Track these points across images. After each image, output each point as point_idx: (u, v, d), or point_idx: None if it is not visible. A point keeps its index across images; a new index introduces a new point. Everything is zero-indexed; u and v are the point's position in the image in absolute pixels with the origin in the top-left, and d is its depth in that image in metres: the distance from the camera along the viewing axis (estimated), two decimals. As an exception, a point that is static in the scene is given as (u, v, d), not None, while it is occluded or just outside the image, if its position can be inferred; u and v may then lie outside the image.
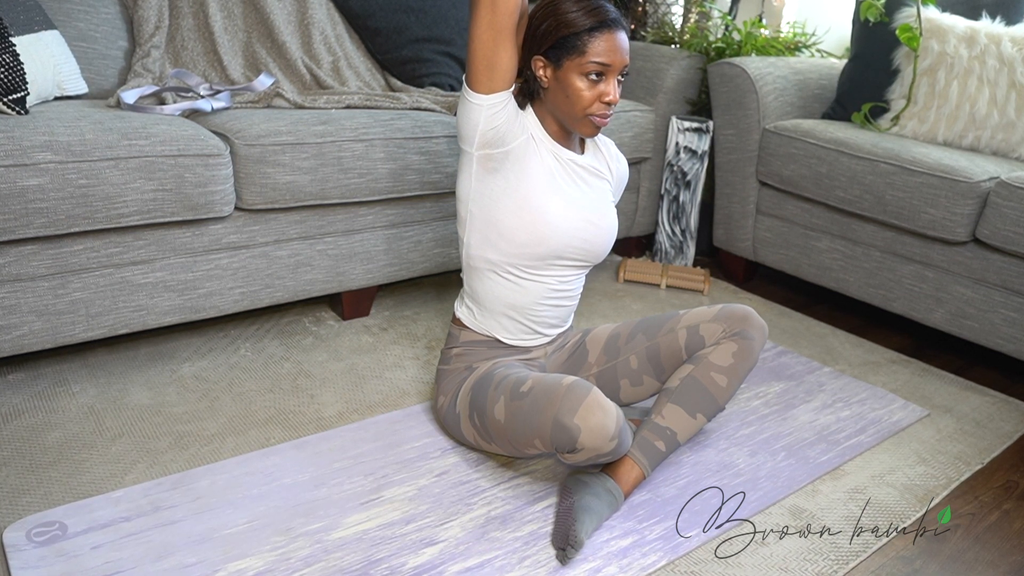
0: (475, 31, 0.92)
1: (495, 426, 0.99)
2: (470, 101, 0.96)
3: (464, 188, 1.03)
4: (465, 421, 1.06)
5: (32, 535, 0.89)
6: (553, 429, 0.89)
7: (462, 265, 1.10)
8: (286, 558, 0.89)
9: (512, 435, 0.96)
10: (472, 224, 1.04)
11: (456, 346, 1.11)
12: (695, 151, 1.81)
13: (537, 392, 0.92)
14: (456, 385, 1.10)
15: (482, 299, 1.08)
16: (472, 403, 1.04)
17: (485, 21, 0.91)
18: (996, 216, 1.37)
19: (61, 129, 1.05)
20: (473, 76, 0.94)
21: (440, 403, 1.13)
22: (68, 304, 1.14)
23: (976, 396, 1.42)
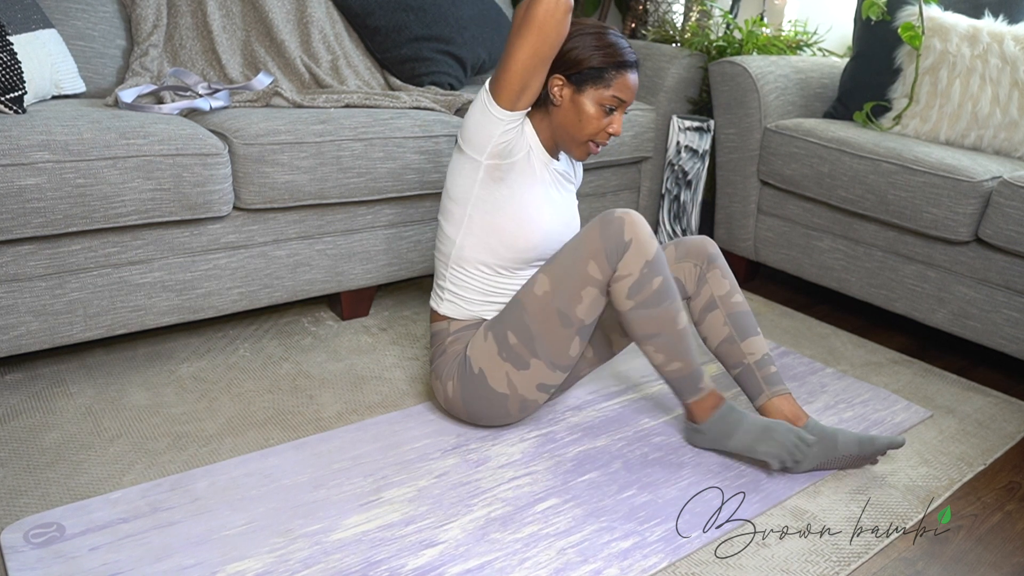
0: (518, 53, 0.94)
1: (536, 305, 1.01)
2: (493, 114, 0.98)
3: (463, 191, 1.04)
4: (495, 362, 1.03)
5: (30, 536, 0.89)
6: (602, 237, 0.98)
7: (442, 260, 1.10)
8: (285, 560, 0.88)
9: (564, 289, 1.00)
10: (469, 227, 1.05)
11: (448, 337, 1.12)
12: (696, 150, 1.81)
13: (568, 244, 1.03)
14: (458, 358, 1.10)
15: (468, 292, 1.10)
16: (496, 335, 1.05)
17: (531, 47, 0.93)
18: (998, 216, 1.36)
19: (59, 128, 1.05)
20: (503, 92, 0.96)
21: (450, 389, 1.11)
22: (66, 304, 1.13)
23: (979, 397, 1.41)
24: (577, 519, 0.99)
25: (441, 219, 1.10)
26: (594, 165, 1.75)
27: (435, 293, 1.14)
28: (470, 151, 1.01)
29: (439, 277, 1.12)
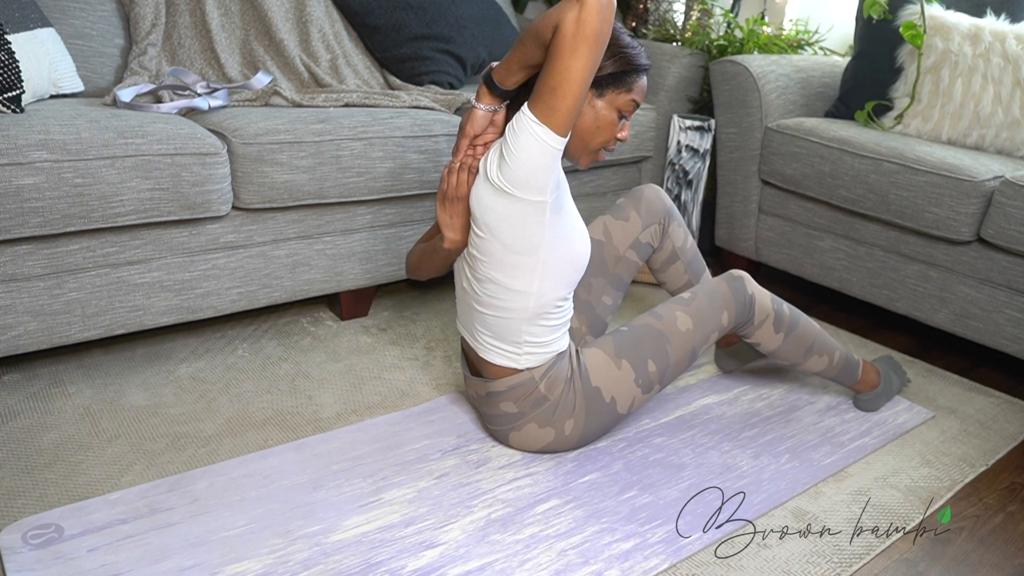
0: (575, 73, 0.83)
1: (680, 340, 1.09)
2: (553, 147, 0.87)
3: (533, 240, 0.94)
4: (628, 388, 1.06)
5: (28, 537, 0.88)
6: (732, 292, 1.13)
7: (515, 317, 0.99)
8: (284, 561, 0.88)
9: (702, 331, 1.10)
10: (546, 272, 0.97)
11: (538, 385, 1.03)
12: (697, 150, 1.80)
13: (699, 290, 1.13)
14: (574, 396, 1.04)
15: (550, 334, 1.02)
16: (633, 363, 1.06)
17: (590, 61, 0.83)
18: (1001, 215, 1.36)
19: (57, 128, 1.04)
20: (562, 119, 0.86)
21: (568, 428, 1.05)
22: (64, 304, 1.13)
23: (981, 397, 1.41)
24: (578, 520, 0.99)
25: (503, 279, 0.97)
26: (594, 165, 1.74)
27: (500, 352, 1.03)
28: (531, 195, 0.90)
29: (508, 336, 1.01)
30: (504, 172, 0.90)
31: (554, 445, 1.08)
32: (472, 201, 0.96)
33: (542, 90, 0.86)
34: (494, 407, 1.07)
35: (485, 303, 1.01)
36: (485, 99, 0.95)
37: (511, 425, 1.07)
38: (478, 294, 1.01)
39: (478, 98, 0.96)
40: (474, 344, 1.06)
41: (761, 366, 1.44)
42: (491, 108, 0.95)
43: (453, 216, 0.98)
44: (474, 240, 0.98)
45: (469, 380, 1.11)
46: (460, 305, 1.08)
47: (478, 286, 1.00)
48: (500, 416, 1.08)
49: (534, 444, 1.09)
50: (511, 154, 0.89)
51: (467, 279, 1.03)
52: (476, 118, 0.96)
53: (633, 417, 1.24)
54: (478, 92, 0.96)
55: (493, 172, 0.92)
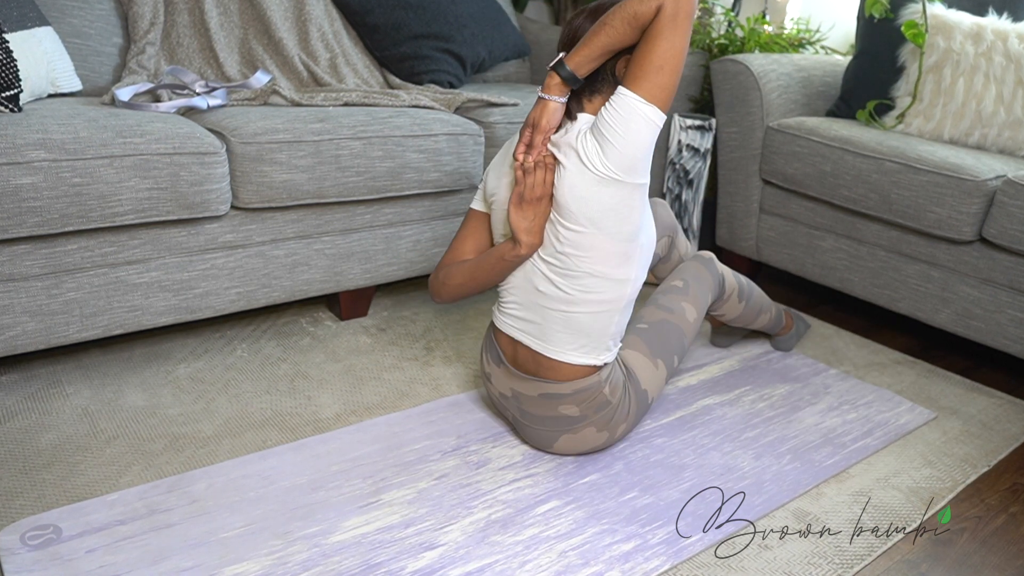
0: (678, 52, 0.87)
1: (691, 330, 1.15)
2: (659, 125, 0.90)
3: (635, 227, 0.95)
4: (661, 387, 1.11)
5: (26, 538, 0.88)
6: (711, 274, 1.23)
7: (611, 308, 0.98)
8: (284, 562, 0.88)
9: (702, 316, 1.18)
10: (641, 256, 0.98)
11: (603, 387, 1.02)
12: (697, 149, 1.80)
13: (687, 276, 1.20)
14: (627, 398, 1.05)
15: (624, 324, 1.03)
16: (666, 362, 1.10)
17: (685, 39, 0.87)
18: (1003, 215, 1.35)
19: (55, 127, 1.04)
20: (669, 97, 0.89)
21: (620, 432, 1.07)
22: (62, 304, 1.12)
23: (983, 398, 1.40)
24: (578, 521, 0.98)
25: (606, 270, 0.96)
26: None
27: (584, 349, 1.00)
28: (637, 179, 0.91)
29: (598, 330, 0.99)
30: (612, 158, 0.90)
31: (601, 447, 1.09)
32: (565, 197, 0.93)
33: (647, 70, 0.87)
34: (550, 409, 1.03)
35: (579, 300, 0.97)
36: (556, 90, 0.93)
37: (567, 428, 1.04)
38: (569, 293, 0.97)
39: (547, 90, 0.93)
40: (543, 347, 1.01)
41: (757, 355, 1.44)
42: (563, 100, 0.94)
43: (534, 218, 0.95)
44: (565, 236, 0.95)
45: (512, 377, 1.05)
46: (524, 309, 1.02)
47: (570, 283, 0.97)
48: (555, 419, 1.04)
49: (583, 446, 1.07)
50: (618, 137, 0.89)
51: (547, 281, 0.98)
52: (552, 111, 0.93)
53: (634, 417, 1.23)
54: (547, 84, 0.93)
55: (597, 162, 0.90)
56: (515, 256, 0.98)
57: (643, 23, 0.87)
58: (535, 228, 0.96)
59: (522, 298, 1.03)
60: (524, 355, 1.05)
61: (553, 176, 0.94)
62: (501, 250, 0.99)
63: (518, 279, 1.02)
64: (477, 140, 1.45)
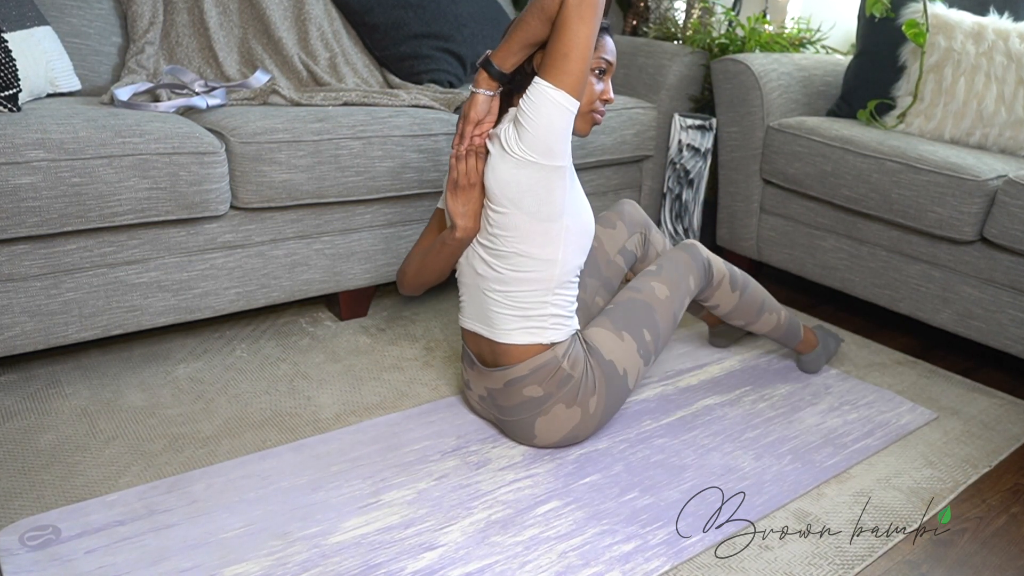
0: (583, 39, 0.92)
1: (662, 307, 1.15)
2: (570, 111, 0.95)
3: (557, 206, 0.99)
4: (634, 360, 1.10)
5: (25, 539, 0.88)
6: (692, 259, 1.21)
7: (542, 288, 1.03)
8: (283, 563, 0.87)
9: (677, 296, 1.17)
10: (568, 239, 1.02)
11: (562, 362, 1.04)
12: (698, 149, 1.79)
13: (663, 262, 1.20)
14: (593, 372, 1.07)
15: (569, 306, 1.07)
16: (633, 334, 1.10)
17: (593, 28, 0.92)
18: (1004, 215, 1.35)
19: (54, 127, 1.03)
20: (577, 82, 0.94)
21: (592, 405, 1.07)
22: (61, 304, 1.12)
23: (984, 398, 1.40)
24: (578, 522, 0.98)
25: (530, 249, 1.01)
26: (595, 164, 1.73)
27: (525, 330, 1.04)
28: (553, 161, 0.96)
29: (534, 309, 1.04)
30: (526, 141, 0.96)
31: (579, 428, 1.09)
32: (489, 181, 0.99)
33: (554, 58, 0.93)
34: (516, 396, 1.07)
35: (510, 279, 1.03)
36: (484, 84, 0.99)
37: (537, 411, 1.07)
38: (500, 272, 1.03)
39: (477, 84, 1.00)
40: (492, 333, 1.07)
41: (755, 353, 1.43)
42: (490, 93, 1.00)
43: (467, 203, 1.02)
44: (493, 219, 1.01)
45: (482, 375, 1.10)
46: (470, 297, 1.09)
47: (501, 263, 1.03)
48: (524, 404, 1.07)
49: (561, 428, 1.08)
50: (531, 122, 0.95)
51: (483, 262, 1.05)
52: (479, 103, 1.00)
53: (634, 418, 1.23)
54: (476, 79, 1.00)
55: (513, 145, 0.96)
56: (453, 239, 1.04)
57: (551, 15, 0.93)
58: (469, 212, 1.02)
59: (469, 286, 1.09)
60: (484, 348, 1.10)
61: (483, 164, 1.01)
62: (443, 235, 1.06)
63: (464, 267, 1.09)
64: (477, 140, 1.45)
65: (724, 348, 1.50)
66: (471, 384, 1.14)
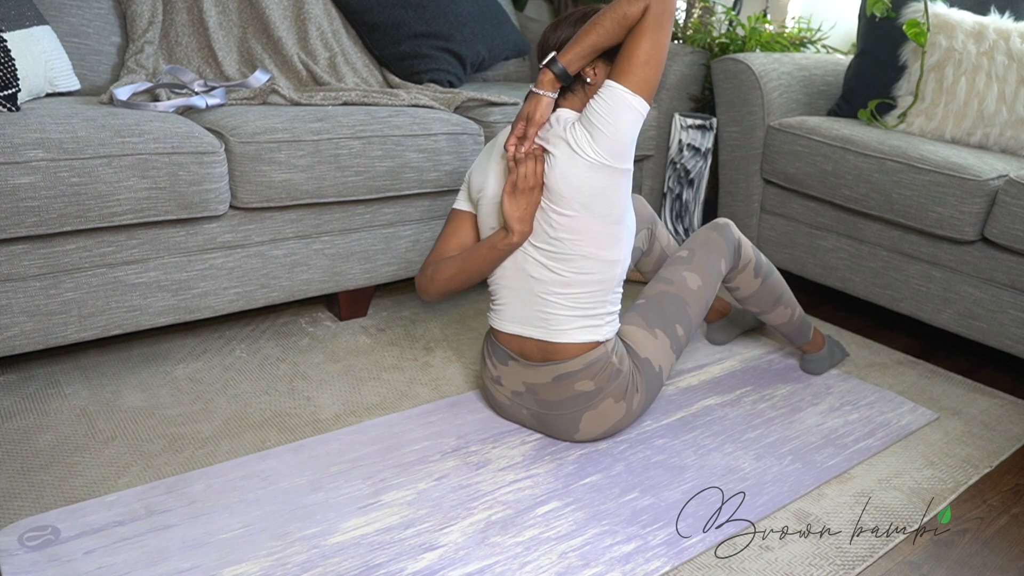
0: (662, 47, 0.95)
1: (694, 298, 1.15)
2: (643, 115, 0.97)
3: (622, 209, 1.01)
4: (668, 356, 1.12)
5: (24, 539, 0.87)
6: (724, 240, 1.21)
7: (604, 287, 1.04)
8: (283, 563, 0.87)
9: (709, 283, 1.18)
10: (628, 237, 1.05)
11: (611, 357, 1.05)
12: (698, 148, 1.79)
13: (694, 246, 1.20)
14: (633, 368, 1.09)
15: (619, 301, 1.09)
16: (666, 330, 1.12)
17: (668, 35, 0.96)
18: (1005, 215, 1.35)
19: (53, 126, 1.03)
20: (653, 89, 0.97)
21: (636, 402, 1.09)
22: (60, 304, 1.12)
23: (984, 398, 1.40)
24: (579, 522, 0.98)
25: (598, 251, 1.02)
26: (595, 163, 1.73)
27: (585, 328, 1.04)
28: (624, 164, 0.98)
29: (595, 308, 1.04)
30: (603, 144, 0.97)
31: (621, 422, 1.11)
32: (558, 184, 0.99)
33: (634, 65, 0.95)
34: (567, 390, 1.06)
35: (574, 281, 1.03)
36: (549, 86, 0.99)
37: (587, 404, 1.07)
38: (563, 275, 1.03)
39: (540, 86, 0.99)
40: (547, 334, 1.05)
41: (752, 344, 1.43)
42: (553, 95, 1.00)
43: (527, 207, 1.01)
44: (558, 223, 1.01)
45: (525, 369, 1.08)
46: (516, 300, 1.07)
47: (564, 267, 1.03)
48: (574, 398, 1.07)
49: (606, 422, 1.10)
50: (608, 125, 0.96)
51: (540, 266, 1.03)
52: (544, 105, 0.99)
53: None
54: (540, 80, 0.99)
55: (588, 148, 0.97)
56: (507, 244, 1.02)
57: (631, 23, 0.95)
58: (527, 216, 1.01)
59: (516, 289, 1.07)
60: (530, 347, 1.08)
61: (543, 166, 1.00)
62: (493, 240, 1.03)
63: (509, 271, 1.07)
64: (477, 139, 1.44)
65: (721, 345, 1.50)
66: (503, 381, 1.12)
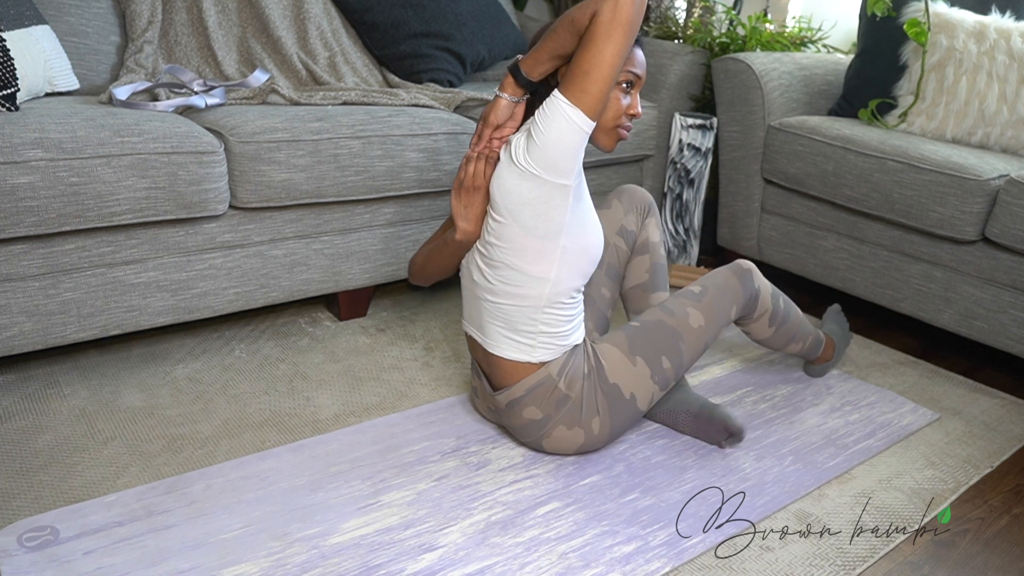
0: (608, 58, 0.88)
1: (692, 336, 1.10)
2: (583, 130, 0.91)
3: (555, 224, 0.96)
4: (646, 385, 1.07)
5: (23, 540, 0.87)
6: (743, 287, 1.16)
7: (531, 305, 1.00)
8: (282, 564, 0.87)
9: (713, 326, 1.12)
10: (563, 259, 0.98)
11: (558, 382, 1.03)
12: (699, 148, 1.79)
13: (710, 284, 1.15)
14: (595, 394, 1.04)
15: (563, 326, 1.03)
16: (648, 360, 1.06)
17: (621, 47, 0.88)
18: (1006, 214, 1.34)
19: (52, 126, 1.03)
20: (595, 102, 0.90)
21: (596, 427, 1.05)
22: (59, 304, 1.12)
23: (985, 398, 1.40)
24: (579, 523, 0.98)
25: (521, 264, 0.98)
26: (595, 163, 1.73)
27: (513, 344, 1.02)
28: (557, 178, 0.93)
29: (522, 325, 1.01)
30: (533, 154, 0.93)
31: (588, 445, 1.08)
32: (493, 187, 0.98)
33: (575, 74, 0.90)
34: (518, 418, 1.06)
35: (499, 291, 1.01)
36: (509, 89, 0.98)
37: (540, 433, 1.06)
38: (491, 283, 1.01)
39: (502, 88, 0.98)
40: (484, 340, 1.05)
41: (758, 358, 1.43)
42: (515, 99, 0.98)
43: (469, 206, 1.00)
44: (491, 227, 0.99)
45: (487, 396, 1.10)
46: (469, 301, 1.08)
47: (492, 274, 1.01)
48: (527, 426, 1.06)
49: (567, 447, 1.08)
50: (541, 136, 0.92)
51: (478, 269, 1.03)
52: (500, 107, 0.98)
53: (634, 418, 1.23)
54: (503, 83, 0.98)
55: (520, 155, 0.94)
56: (453, 240, 1.02)
57: (580, 29, 0.89)
58: (470, 216, 1.00)
59: (467, 289, 1.07)
60: (482, 359, 1.09)
61: (491, 169, 0.99)
62: (446, 234, 1.05)
63: (465, 270, 1.08)
64: (477, 139, 1.44)
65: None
66: (479, 393, 1.14)
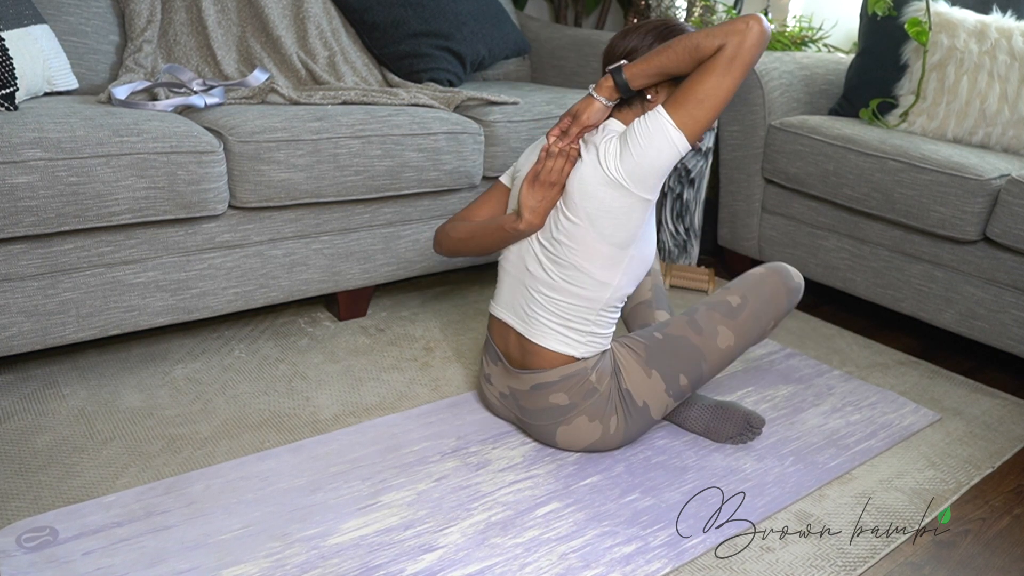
0: (722, 92, 0.90)
1: (717, 356, 1.07)
2: (681, 153, 0.93)
3: (631, 233, 0.98)
4: (660, 398, 1.06)
5: (22, 541, 0.87)
6: (788, 303, 1.12)
7: (589, 306, 1.01)
8: (282, 564, 0.87)
9: (744, 343, 1.09)
10: (628, 267, 1.00)
11: (590, 375, 1.04)
12: (699, 148, 1.78)
13: (752, 296, 1.09)
14: (613, 394, 1.05)
15: (609, 328, 1.05)
16: (664, 375, 1.05)
17: (736, 83, 0.90)
18: (1007, 214, 1.34)
19: (51, 126, 1.03)
20: (699, 130, 0.92)
21: (613, 426, 1.06)
22: (58, 304, 1.12)
23: (986, 398, 1.40)
24: (579, 523, 0.97)
25: (589, 267, 0.99)
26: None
27: (561, 339, 1.03)
28: (644, 193, 0.95)
29: (576, 324, 1.02)
30: (626, 165, 0.94)
31: (600, 443, 1.08)
32: (573, 188, 0.97)
33: (688, 99, 0.91)
34: (541, 400, 1.06)
35: (560, 288, 1.01)
36: (607, 93, 0.97)
37: (561, 419, 1.06)
38: (552, 278, 1.01)
39: (599, 90, 0.97)
40: (525, 328, 1.05)
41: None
42: (610, 103, 0.98)
43: (542, 200, 0.99)
44: (563, 224, 0.99)
45: (507, 374, 1.09)
46: (511, 287, 1.07)
47: (556, 270, 1.01)
48: (548, 410, 1.06)
49: (581, 440, 1.08)
50: (639, 149, 0.93)
51: (537, 262, 1.02)
52: (596, 109, 0.98)
53: (635, 418, 1.22)
54: (600, 84, 0.97)
55: (612, 164, 0.95)
56: (513, 229, 1.01)
57: (702, 56, 0.90)
58: (540, 209, 0.99)
59: (513, 276, 1.06)
60: (513, 344, 1.08)
61: (571, 167, 0.99)
62: (504, 220, 1.03)
63: (513, 257, 1.07)
64: (477, 139, 1.44)
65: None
66: (492, 379, 1.13)
